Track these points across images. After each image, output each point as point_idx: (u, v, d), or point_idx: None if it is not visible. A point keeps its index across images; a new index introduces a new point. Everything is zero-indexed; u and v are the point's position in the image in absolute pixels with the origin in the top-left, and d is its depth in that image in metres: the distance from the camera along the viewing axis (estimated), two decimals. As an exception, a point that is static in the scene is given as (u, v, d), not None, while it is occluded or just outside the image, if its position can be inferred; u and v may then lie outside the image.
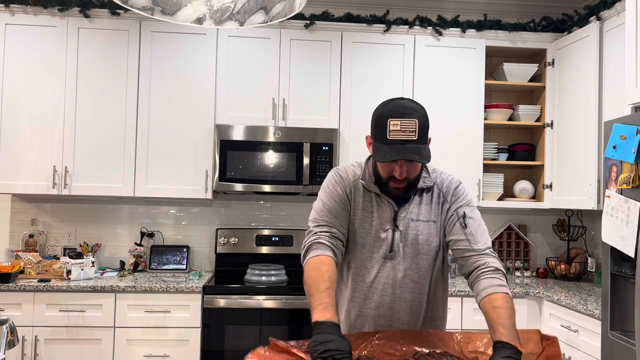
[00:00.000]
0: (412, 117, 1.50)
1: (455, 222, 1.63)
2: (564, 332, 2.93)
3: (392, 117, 1.51)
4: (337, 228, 1.64)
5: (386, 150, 1.51)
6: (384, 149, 1.51)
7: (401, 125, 1.49)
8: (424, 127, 1.52)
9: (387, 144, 1.51)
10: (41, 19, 3.39)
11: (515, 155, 3.82)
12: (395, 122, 1.50)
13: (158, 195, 3.45)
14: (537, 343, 1.39)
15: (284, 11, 1.60)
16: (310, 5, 3.68)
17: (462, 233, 1.61)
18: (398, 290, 1.65)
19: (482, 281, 1.51)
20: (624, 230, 2.27)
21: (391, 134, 1.50)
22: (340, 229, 1.65)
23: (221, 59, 3.48)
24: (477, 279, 1.54)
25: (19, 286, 3.03)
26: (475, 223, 1.63)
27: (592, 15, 3.26)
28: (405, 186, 1.61)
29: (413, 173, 1.59)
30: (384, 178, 1.61)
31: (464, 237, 1.60)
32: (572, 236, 3.79)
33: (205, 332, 3.13)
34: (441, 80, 3.58)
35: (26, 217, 3.69)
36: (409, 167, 1.56)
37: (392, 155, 1.50)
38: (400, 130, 1.49)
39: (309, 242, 1.60)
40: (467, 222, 1.62)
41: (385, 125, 1.51)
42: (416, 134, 1.49)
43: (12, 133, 3.35)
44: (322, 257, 1.54)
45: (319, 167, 3.42)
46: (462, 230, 1.62)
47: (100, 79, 3.42)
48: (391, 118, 1.51)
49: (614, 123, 2.39)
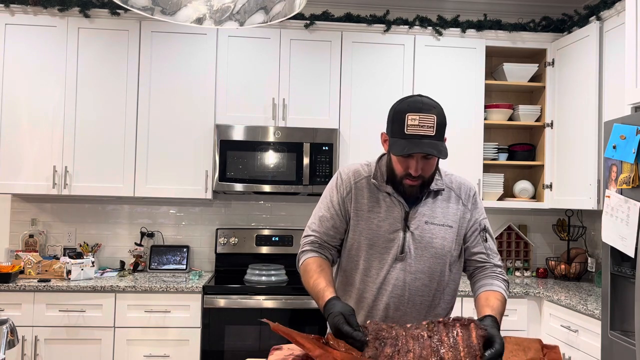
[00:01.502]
0: (430, 112, 1.51)
1: (477, 234, 1.70)
2: (564, 332, 2.93)
3: (410, 112, 1.51)
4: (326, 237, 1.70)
5: (403, 144, 1.50)
6: (401, 143, 1.51)
7: (419, 120, 1.49)
8: (442, 124, 1.53)
9: (405, 138, 1.50)
10: (41, 19, 3.39)
11: (515, 155, 3.82)
12: (413, 117, 1.50)
13: (158, 195, 3.46)
14: (538, 351, 1.39)
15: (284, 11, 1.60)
16: (310, 5, 3.68)
17: (482, 246, 1.71)
18: (407, 292, 1.63)
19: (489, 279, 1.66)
20: (624, 230, 2.27)
21: (409, 129, 1.50)
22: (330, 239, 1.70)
23: (221, 59, 3.48)
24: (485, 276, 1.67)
25: (19, 286, 3.03)
26: (491, 238, 1.72)
27: (592, 15, 3.26)
28: (420, 185, 1.60)
29: (428, 170, 1.59)
30: (399, 175, 1.60)
31: (484, 251, 1.70)
32: (572, 236, 3.79)
33: (205, 332, 3.13)
34: (441, 80, 3.58)
35: (26, 217, 3.69)
36: (424, 164, 1.56)
37: (409, 149, 1.49)
38: (419, 125, 1.49)
39: (299, 250, 1.71)
40: (487, 236, 1.70)
41: (403, 120, 1.51)
42: (434, 130, 1.50)
43: (12, 133, 3.35)
44: (309, 260, 1.65)
45: (319, 167, 3.42)
46: (483, 243, 1.70)
47: (100, 79, 3.42)
48: (409, 113, 1.51)
49: (614, 123, 2.39)
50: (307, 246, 1.69)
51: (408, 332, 1.32)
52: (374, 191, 1.68)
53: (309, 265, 1.63)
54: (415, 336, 1.31)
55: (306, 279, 1.62)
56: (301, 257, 1.69)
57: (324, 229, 1.70)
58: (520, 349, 1.39)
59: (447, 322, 1.32)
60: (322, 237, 1.69)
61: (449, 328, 1.32)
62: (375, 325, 1.34)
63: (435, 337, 1.31)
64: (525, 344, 1.39)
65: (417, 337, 1.31)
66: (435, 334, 1.31)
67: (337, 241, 1.71)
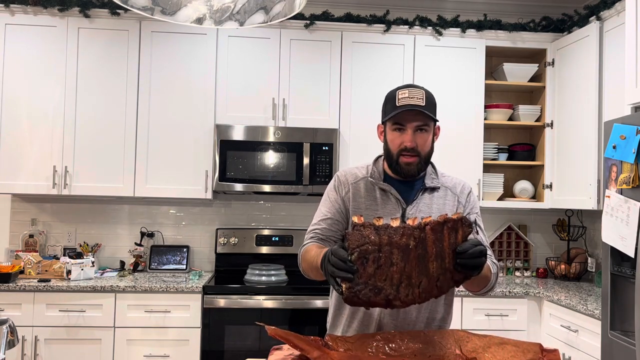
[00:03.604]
0: (419, 88, 1.63)
1: None
2: (564, 332, 2.93)
3: (400, 89, 1.64)
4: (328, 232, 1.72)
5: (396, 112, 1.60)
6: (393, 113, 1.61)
7: (409, 93, 1.61)
8: (431, 100, 1.63)
9: (397, 109, 1.60)
10: (41, 19, 3.39)
11: (515, 155, 3.82)
12: (403, 91, 1.62)
13: (158, 195, 3.46)
14: (537, 353, 1.39)
15: (284, 11, 1.60)
16: (310, 5, 3.68)
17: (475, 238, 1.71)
18: None
19: None
20: (624, 230, 2.27)
21: (400, 101, 1.60)
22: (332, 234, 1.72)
23: (221, 59, 3.48)
24: None
25: (19, 286, 3.03)
26: (482, 232, 1.75)
27: (592, 15, 3.26)
28: (417, 163, 1.64)
29: (423, 144, 1.64)
30: (395, 153, 1.65)
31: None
32: (572, 236, 3.79)
33: (205, 332, 3.13)
34: (441, 80, 3.58)
35: (26, 217, 3.69)
36: (418, 137, 1.63)
37: (401, 111, 1.58)
38: (409, 97, 1.60)
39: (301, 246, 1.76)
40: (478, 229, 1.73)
41: (395, 96, 1.62)
42: (424, 101, 1.60)
43: (12, 133, 3.35)
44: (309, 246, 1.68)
45: (319, 167, 3.42)
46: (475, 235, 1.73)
47: (100, 79, 3.42)
48: (399, 90, 1.63)
49: (614, 123, 2.39)
50: (309, 240, 1.74)
51: (393, 238, 1.28)
52: (372, 190, 1.72)
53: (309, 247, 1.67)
54: (400, 246, 1.29)
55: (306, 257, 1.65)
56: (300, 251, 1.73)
57: (326, 225, 1.73)
58: (519, 350, 1.40)
59: (434, 227, 1.30)
60: (324, 233, 1.73)
61: (436, 234, 1.30)
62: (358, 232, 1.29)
63: (421, 246, 1.29)
64: (524, 346, 1.40)
65: (402, 246, 1.29)
66: (421, 243, 1.29)
67: (340, 236, 1.73)
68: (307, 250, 1.67)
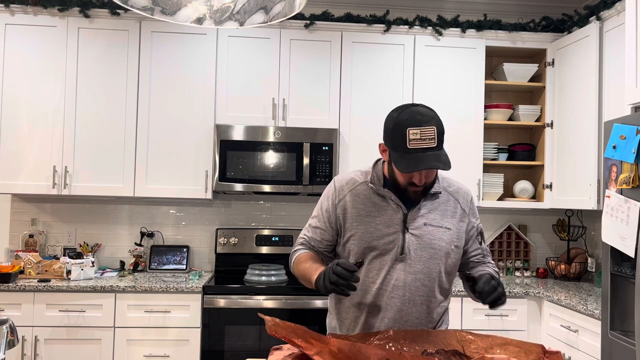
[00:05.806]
0: (429, 124, 1.53)
1: (474, 237, 1.80)
2: (564, 332, 2.93)
3: (410, 126, 1.53)
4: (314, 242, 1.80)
5: (408, 160, 1.54)
6: (406, 159, 1.54)
7: (421, 134, 1.52)
8: (442, 133, 1.56)
9: (408, 152, 1.54)
10: (41, 19, 3.39)
11: (515, 155, 3.82)
12: (414, 131, 1.52)
13: (158, 195, 3.45)
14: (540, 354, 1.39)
15: (284, 11, 1.60)
16: (310, 5, 3.68)
17: (480, 248, 1.82)
18: (408, 293, 1.67)
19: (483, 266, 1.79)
20: (624, 230, 2.27)
21: (411, 143, 1.53)
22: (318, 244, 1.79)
23: (221, 59, 3.48)
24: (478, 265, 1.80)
25: (19, 286, 3.03)
26: (484, 240, 1.85)
27: (592, 15, 3.26)
28: (423, 190, 1.66)
29: (431, 177, 1.66)
30: (403, 185, 1.65)
31: (481, 252, 1.82)
32: (572, 236, 3.79)
33: (205, 332, 3.13)
34: (441, 80, 3.58)
35: (26, 217, 3.69)
36: (427, 173, 1.62)
37: (416, 166, 1.52)
38: (420, 138, 1.52)
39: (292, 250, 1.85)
40: (481, 239, 1.82)
41: (405, 135, 1.53)
42: (435, 141, 1.53)
43: (12, 133, 3.35)
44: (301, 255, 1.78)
45: (319, 167, 3.42)
46: (480, 245, 1.81)
47: (100, 79, 3.42)
48: (410, 127, 1.53)
49: (614, 123, 2.40)
50: (298, 246, 1.84)
51: None
52: (371, 196, 1.73)
53: (300, 257, 1.76)
54: None
55: (298, 267, 1.74)
56: (293, 256, 1.82)
57: (314, 236, 1.80)
58: (521, 351, 1.40)
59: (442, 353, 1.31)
60: (312, 242, 1.81)
61: None
62: None
63: None
64: (526, 347, 1.40)
65: None
66: None
67: (325, 248, 1.81)
68: (299, 260, 1.75)
